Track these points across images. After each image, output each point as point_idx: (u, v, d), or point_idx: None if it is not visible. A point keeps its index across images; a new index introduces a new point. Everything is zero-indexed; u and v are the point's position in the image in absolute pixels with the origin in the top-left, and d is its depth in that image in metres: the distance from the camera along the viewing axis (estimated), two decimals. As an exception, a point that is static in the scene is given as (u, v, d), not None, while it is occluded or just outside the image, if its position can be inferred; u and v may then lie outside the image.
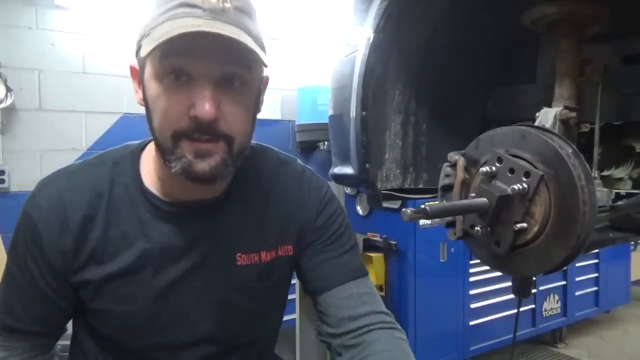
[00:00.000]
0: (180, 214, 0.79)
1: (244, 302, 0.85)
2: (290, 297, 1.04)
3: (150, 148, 0.81)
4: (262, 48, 0.72)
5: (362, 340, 0.81)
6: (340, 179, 1.42)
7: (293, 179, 0.91)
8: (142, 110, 2.62)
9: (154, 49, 0.63)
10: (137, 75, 0.75)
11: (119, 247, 0.75)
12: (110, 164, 0.80)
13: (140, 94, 0.76)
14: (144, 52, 0.65)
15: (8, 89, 2.62)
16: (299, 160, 0.96)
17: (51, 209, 0.75)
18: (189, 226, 0.79)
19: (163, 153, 0.72)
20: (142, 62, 0.72)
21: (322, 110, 3.24)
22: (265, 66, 0.73)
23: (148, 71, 0.70)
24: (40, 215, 0.75)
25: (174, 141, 0.70)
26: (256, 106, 0.81)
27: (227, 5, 0.67)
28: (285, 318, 1.05)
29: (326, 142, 3.41)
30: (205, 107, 0.66)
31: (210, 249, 0.81)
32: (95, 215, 0.75)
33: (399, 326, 0.88)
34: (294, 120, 3.61)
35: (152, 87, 0.70)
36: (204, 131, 0.68)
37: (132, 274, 0.77)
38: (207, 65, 0.67)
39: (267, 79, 0.82)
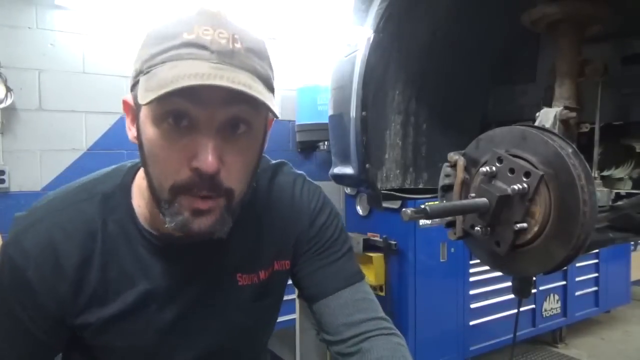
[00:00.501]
0: (178, 250, 0.74)
1: (246, 321, 0.84)
2: (290, 297, 1.04)
3: (140, 181, 0.74)
4: (272, 90, 0.67)
5: (359, 349, 0.79)
6: (340, 179, 1.41)
7: (285, 191, 0.87)
8: (142, 110, 2.51)
9: (154, 99, 0.56)
10: (131, 111, 0.68)
11: (120, 287, 0.72)
12: (99, 198, 0.73)
13: (133, 131, 0.67)
14: (142, 98, 0.58)
15: (8, 89, 2.62)
16: (289, 165, 0.91)
17: (42, 255, 0.68)
18: (189, 259, 0.76)
19: (158, 203, 0.65)
20: (136, 101, 0.64)
21: (322, 110, 3.24)
22: (276, 117, 0.64)
23: (144, 112, 0.63)
24: (28, 263, 0.68)
25: (172, 195, 0.63)
26: (261, 149, 0.72)
27: (238, 46, 0.61)
28: (285, 318, 1.04)
29: (326, 142, 3.41)
30: (208, 160, 0.59)
31: (212, 276, 0.79)
32: (91, 257, 0.70)
33: (397, 331, 0.85)
34: (294, 120, 3.61)
35: (149, 130, 0.63)
36: (204, 185, 0.62)
37: (137, 312, 0.73)
38: (212, 110, 0.60)
39: (271, 118, 0.71)
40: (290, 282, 0.93)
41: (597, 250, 3.67)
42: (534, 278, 1.11)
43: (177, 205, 0.63)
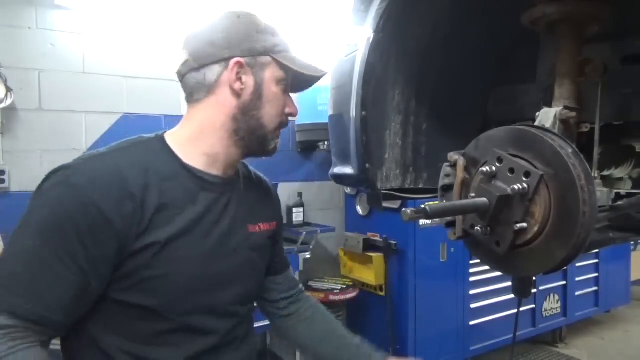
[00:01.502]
0: (217, 185, 0.93)
1: (259, 262, 1.03)
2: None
3: (176, 137, 0.93)
4: None
5: (291, 311, 1.16)
6: (340, 179, 1.41)
7: (263, 179, 1.17)
8: (141, 110, 2.63)
9: (286, 67, 0.91)
10: (245, 69, 0.89)
11: (173, 213, 0.83)
12: (142, 147, 0.89)
13: (240, 84, 0.89)
14: (293, 67, 0.92)
15: (8, 89, 2.62)
16: None
17: (109, 178, 0.78)
18: (221, 196, 0.94)
19: (263, 135, 0.93)
20: (257, 63, 0.90)
21: (322, 110, 3.24)
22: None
23: (269, 74, 0.91)
24: (95, 187, 0.77)
25: (276, 128, 0.95)
26: None
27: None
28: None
29: (326, 142, 3.41)
30: (297, 108, 0.98)
31: (234, 216, 0.96)
32: (150, 184, 0.82)
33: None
34: (294, 120, 3.61)
35: (273, 87, 0.92)
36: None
37: (187, 236, 0.85)
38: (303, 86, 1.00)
39: None
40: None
41: (597, 250, 3.67)
42: (534, 278, 1.11)
43: (276, 134, 0.96)
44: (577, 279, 3.71)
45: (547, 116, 1.01)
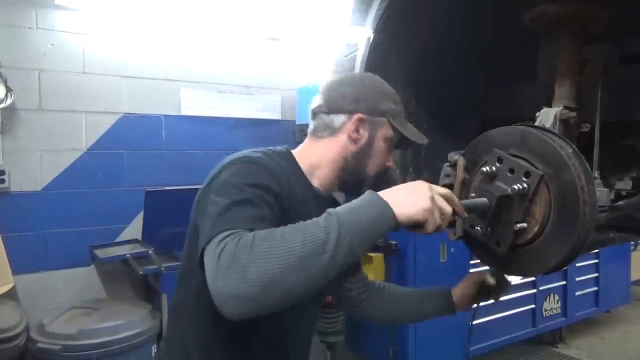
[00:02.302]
0: (326, 201, 1.09)
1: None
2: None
3: (300, 158, 1.10)
4: None
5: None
6: (340, 179, 1.41)
7: None
8: (141, 110, 2.64)
9: (397, 130, 1.05)
10: (364, 125, 1.06)
11: (296, 214, 0.94)
12: (280, 161, 1.04)
13: (357, 135, 1.06)
14: (407, 134, 1.05)
15: (8, 89, 2.62)
16: None
17: (274, 170, 0.98)
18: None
19: (363, 179, 1.08)
20: (374, 122, 1.06)
21: (322, 110, 3.24)
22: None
23: (382, 133, 1.06)
24: (271, 169, 0.97)
25: (374, 175, 1.09)
26: None
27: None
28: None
29: (326, 142, 3.40)
30: (393, 163, 1.13)
31: None
32: (286, 184, 0.99)
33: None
34: (294, 120, 3.61)
35: (381, 143, 1.07)
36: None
37: None
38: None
39: None
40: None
41: (597, 250, 3.66)
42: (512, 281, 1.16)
43: (371, 181, 1.08)
44: (577, 279, 3.70)
45: (547, 116, 1.01)
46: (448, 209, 0.80)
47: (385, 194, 0.81)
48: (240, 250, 0.74)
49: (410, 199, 0.80)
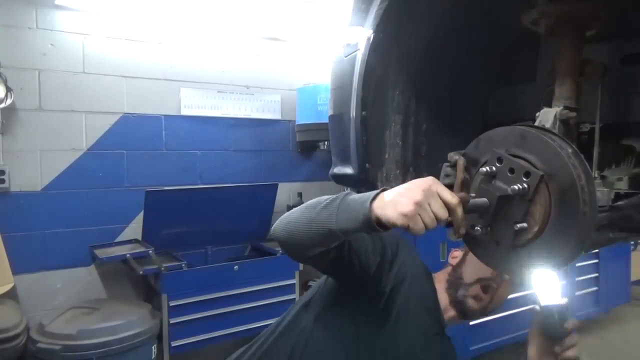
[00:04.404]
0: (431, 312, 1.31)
1: None
2: (291, 297, 1.14)
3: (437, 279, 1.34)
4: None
5: None
6: (340, 179, 1.41)
7: None
8: (141, 110, 2.67)
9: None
10: (459, 254, 1.34)
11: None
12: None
13: (458, 260, 1.33)
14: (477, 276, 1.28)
15: (8, 89, 2.62)
16: None
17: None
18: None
19: (458, 284, 1.28)
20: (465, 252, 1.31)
21: (322, 110, 3.24)
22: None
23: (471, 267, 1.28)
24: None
25: (474, 282, 1.27)
26: None
27: None
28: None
29: (326, 142, 3.41)
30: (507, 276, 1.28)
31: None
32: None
33: None
34: (294, 120, 3.61)
35: (474, 259, 1.12)
36: (494, 280, 1.27)
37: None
38: None
39: None
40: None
41: (597, 250, 3.66)
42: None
43: (470, 289, 1.27)
44: (577, 279, 3.70)
45: (547, 116, 1.01)
46: (441, 213, 0.77)
47: (388, 192, 0.82)
48: (283, 218, 1.05)
49: (395, 200, 0.79)
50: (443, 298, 1.29)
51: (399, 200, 0.78)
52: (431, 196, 0.78)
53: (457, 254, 1.35)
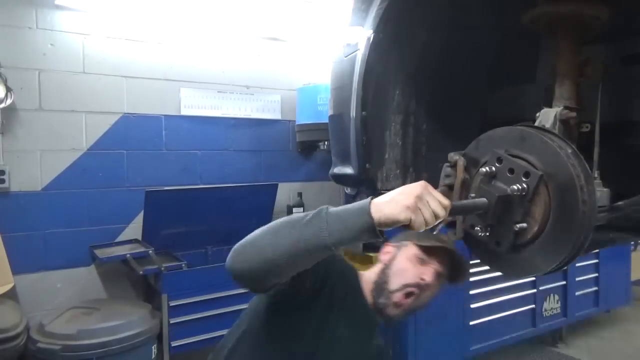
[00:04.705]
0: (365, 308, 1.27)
1: None
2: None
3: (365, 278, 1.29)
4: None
5: None
6: (340, 179, 1.41)
7: None
8: (141, 110, 2.67)
9: (425, 247, 1.21)
10: (394, 250, 1.26)
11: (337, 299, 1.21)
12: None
13: (388, 258, 1.26)
14: (419, 243, 1.22)
15: (8, 89, 2.62)
16: None
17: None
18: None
19: (381, 289, 1.21)
20: (400, 245, 1.25)
21: (322, 110, 3.24)
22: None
23: (410, 250, 1.22)
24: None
25: (399, 288, 1.20)
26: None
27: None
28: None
29: (326, 142, 3.41)
30: (429, 276, 1.20)
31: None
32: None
33: None
34: (294, 120, 3.61)
35: (409, 257, 1.21)
36: (418, 286, 1.19)
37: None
38: (440, 265, 1.22)
39: None
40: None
41: (597, 250, 3.66)
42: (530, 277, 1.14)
43: (392, 296, 1.20)
44: (577, 279, 3.70)
45: (547, 116, 1.01)
46: (439, 209, 0.79)
47: (378, 198, 0.83)
48: (247, 239, 0.98)
49: (394, 198, 0.80)
50: (369, 298, 1.24)
51: (398, 198, 0.79)
52: (428, 194, 0.79)
53: (389, 250, 1.27)
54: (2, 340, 2.19)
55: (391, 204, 0.79)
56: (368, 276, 1.27)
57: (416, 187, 0.80)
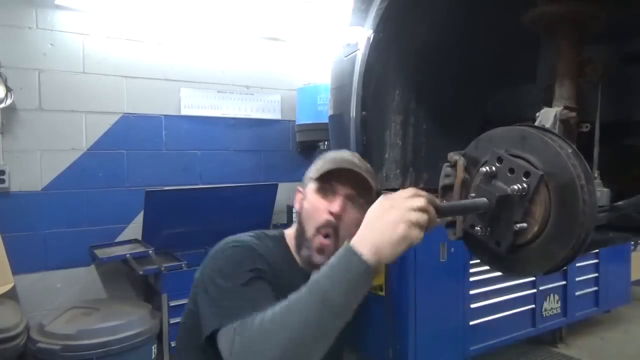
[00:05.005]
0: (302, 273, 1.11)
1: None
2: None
3: (289, 236, 1.18)
4: (375, 191, 1.12)
5: None
6: (340, 179, 1.41)
7: None
8: (141, 110, 2.66)
9: (321, 176, 1.09)
10: (301, 194, 1.16)
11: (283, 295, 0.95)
12: (270, 243, 1.14)
13: (299, 204, 1.15)
14: (315, 175, 1.11)
15: (8, 89, 2.62)
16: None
17: (257, 244, 1.09)
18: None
19: (301, 241, 1.11)
20: (305, 186, 1.14)
21: (322, 110, 3.24)
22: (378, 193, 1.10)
23: (311, 187, 1.11)
24: (256, 246, 1.08)
25: (314, 233, 1.08)
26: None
27: (362, 167, 1.11)
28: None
29: (326, 142, 3.41)
30: (337, 206, 1.07)
31: None
32: (272, 265, 1.07)
33: None
34: (294, 120, 3.61)
35: (312, 196, 1.10)
36: (330, 224, 1.07)
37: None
38: (344, 188, 1.09)
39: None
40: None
41: (597, 250, 3.66)
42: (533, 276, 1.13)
43: (311, 243, 1.09)
44: (577, 279, 3.70)
45: (547, 116, 1.01)
46: (424, 219, 0.77)
47: (360, 242, 0.79)
48: (253, 338, 0.83)
49: (385, 237, 0.76)
50: (298, 258, 1.14)
51: (390, 234, 0.76)
52: (406, 210, 0.77)
53: (298, 196, 1.18)
54: (2, 340, 2.20)
55: (389, 244, 0.76)
56: (290, 234, 1.17)
57: (394, 213, 0.77)
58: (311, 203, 1.10)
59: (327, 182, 1.09)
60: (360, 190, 1.09)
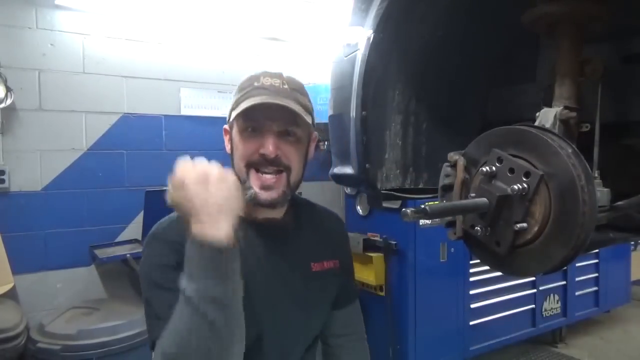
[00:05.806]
0: (256, 230, 1.07)
1: (316, 304, 1.14)
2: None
3: None
4: (310, 113, 1.09)
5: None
6: (340, 179, 1.41)
7: (325, 212, 1.28)
8: (141, 110, 2.67)
9: (238, 115, 1.02)
10: (228, 133, 1.11)
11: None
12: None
13: (229, 146, 1.10)
14: (233, 116, 1.04)
15: (8, 89, 2.62)
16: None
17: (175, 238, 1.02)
18: (265, 241, 1.07)
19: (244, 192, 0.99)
20: (231, 125, 1.08)
21: (322, 110, 3.24)
22: (313, 126, 1.12)
23: (235, 129, 1.06)
24: (169, 239, 1.02)
25: (246, 171, 1.03)
26: (306, 154, 1.12)
27: (285, 86, 1.07)
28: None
29: (326, 142, 3.41)
30: (269, 146, 1.00)
31: (288, 259, 1.09)
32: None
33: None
34: (294, 120, 3.61)
35: (237, 137, 1.05)
36: (270, 163, 1.01)
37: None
38: (271, 124, 1.02)
39: (315, 135, 1.19)
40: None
41: (597, 250, 3.67)
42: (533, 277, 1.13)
43: (249, 182, 1.01)
44: (577, 279, 3.71)
45: (547, 116, 1.01)
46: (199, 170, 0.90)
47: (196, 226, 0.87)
48: None
49: (199, 219, 0.87)
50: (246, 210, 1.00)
51: (201, 214, 0.87)
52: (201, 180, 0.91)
53: (226, 137, 1.12)
54: (2, 340, 2.20)
55: (206, 222, 0.85)
56: None
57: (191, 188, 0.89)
58: (239, 142, 1.04)
59: (252, 119, 1.02)
60: (286, 121, 1.03)
